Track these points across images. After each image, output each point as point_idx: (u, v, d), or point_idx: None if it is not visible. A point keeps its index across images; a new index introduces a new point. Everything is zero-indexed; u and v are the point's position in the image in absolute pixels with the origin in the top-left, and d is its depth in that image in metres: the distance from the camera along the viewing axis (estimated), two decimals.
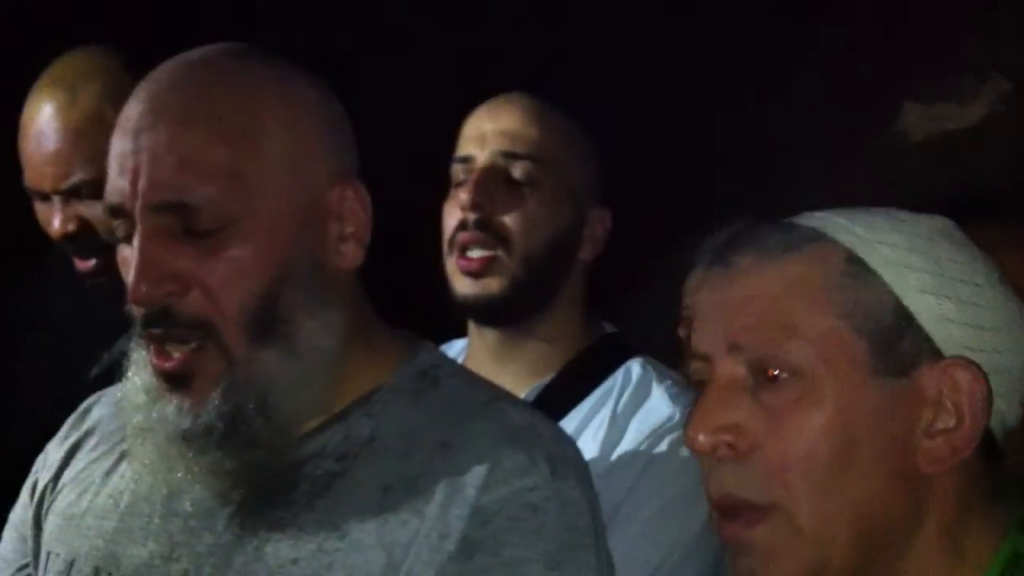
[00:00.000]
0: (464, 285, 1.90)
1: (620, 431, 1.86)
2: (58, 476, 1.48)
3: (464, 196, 1.88)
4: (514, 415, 1.37)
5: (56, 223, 2.05)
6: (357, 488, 1.31)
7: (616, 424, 1.87)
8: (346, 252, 1.35)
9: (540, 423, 1.39)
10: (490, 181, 1.89)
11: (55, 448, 1.52)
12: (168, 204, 1.26)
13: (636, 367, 1.93)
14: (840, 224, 1.21)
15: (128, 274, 1.28)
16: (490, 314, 1.92)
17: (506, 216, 1.88)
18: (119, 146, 1.30)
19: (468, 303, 1.91)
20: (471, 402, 1.38)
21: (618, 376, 1.92)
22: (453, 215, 1.91)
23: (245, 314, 1.28)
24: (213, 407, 1.28)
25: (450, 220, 1.92)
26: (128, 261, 1.29)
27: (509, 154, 1.90)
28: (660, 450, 1.83)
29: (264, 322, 1.29)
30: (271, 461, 1.32)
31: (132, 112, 1.30)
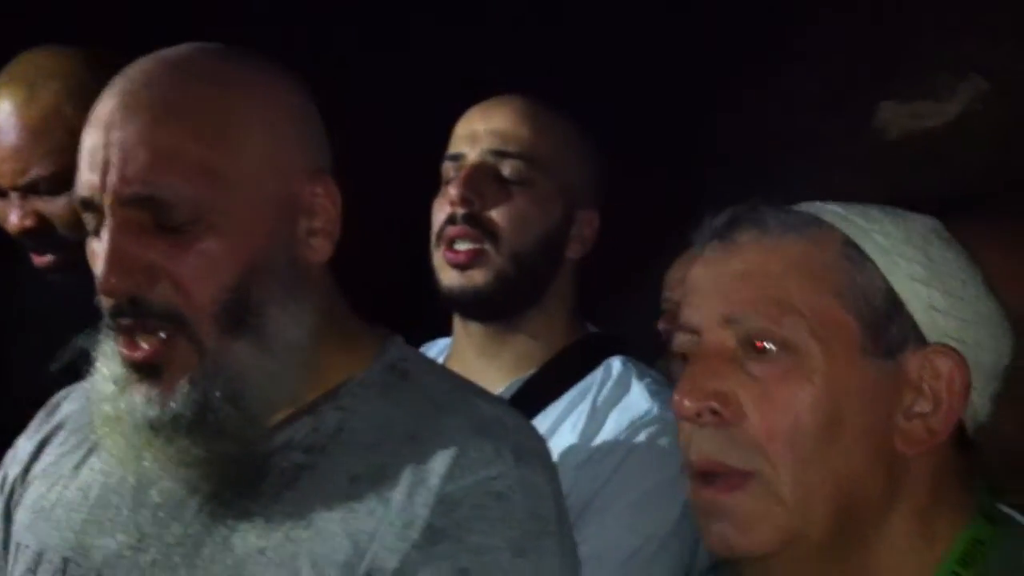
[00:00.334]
0: (450, 277, 1.92)
1: (599, 423, 1.88)
2: (28, 469, 1.49)
3: (453, 191, 1.90)
4: (481, 407, 1.38)
5: (14, 219, 2.07)
6: (325, 479, 1.32)
7: (596, 417, 1.89)
8: (316, 246, 1.36)
9: (507, 415, 1.40)
10: (480, 177, 1.91)
11: (24, 442, 1.53)
12: (139, 198, 1.27)
13: (617, 363, 1.95)
14: (838, 213, 1.25)
15: (97, 267, 1.29)
16: (475, 307, 1.94)
17: (494, 212, 1.90)
18: (90, 140, 1.31)
19: (454, 295, 1.92)
20: (440, 395, 1.39)
21: (599, 372, 1.94)
22: (442, 210, 1.93)
23: (216, 306, 1.29)
24: (181, 396, 1.29)
25: (439, 215, 1.94)
26: (97, 254, 1.30)
27: (499, 152, 1.92)
28: (638, 442, 1.84)
29: (235, 314, 1.30)
30: (239, 451, 1.32)
31: (105, 107, 1.31)
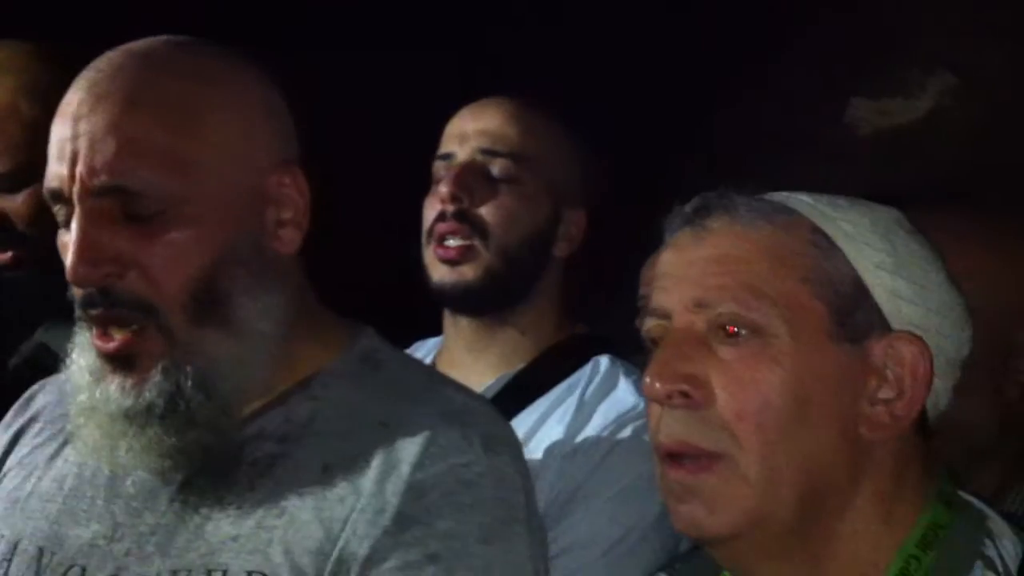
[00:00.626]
0: (440, 273, 1.96)
1: (586, 417, 1.92)
2: (2, 461, 1.50)
3: (444, 189, 1.94)
4: (451, 396, 1.41)
5: None
6: (297, 468, 1.34)
7: (582, 410, 1.93)
8: (284, 237, 1.38)
9: (476, 404, 1.43)
10: (469, 176, 1.95)
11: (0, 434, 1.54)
12: (107, 187, 1.29)
13: (604, 361, 1.99)
14: (806, 202, 1.27)
15: (67, 258, 1.30)
16: (465, 302, 1.98)
17: (483, 209, 1.95)
18: (59, 132, 1.32)
19: (444, 290, 1.97)
20: (410, 384, 1.41)
21: (587, 368, 1.98)
22: (433, 208, 1.97)
23: (185, 295, 1.31)
24: (154, 385, 1.31)
25: (429, 212, 1.98)
26: (67, 245, 1.31)
27: (489, 151, 1.97)
28: (624, 435, 1.88)
29: (204, 304, 1.31)
30: (211, 440, 1.34)
31: (73, 98, 1.32)
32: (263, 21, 3.08)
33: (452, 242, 1.95)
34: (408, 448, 1.31)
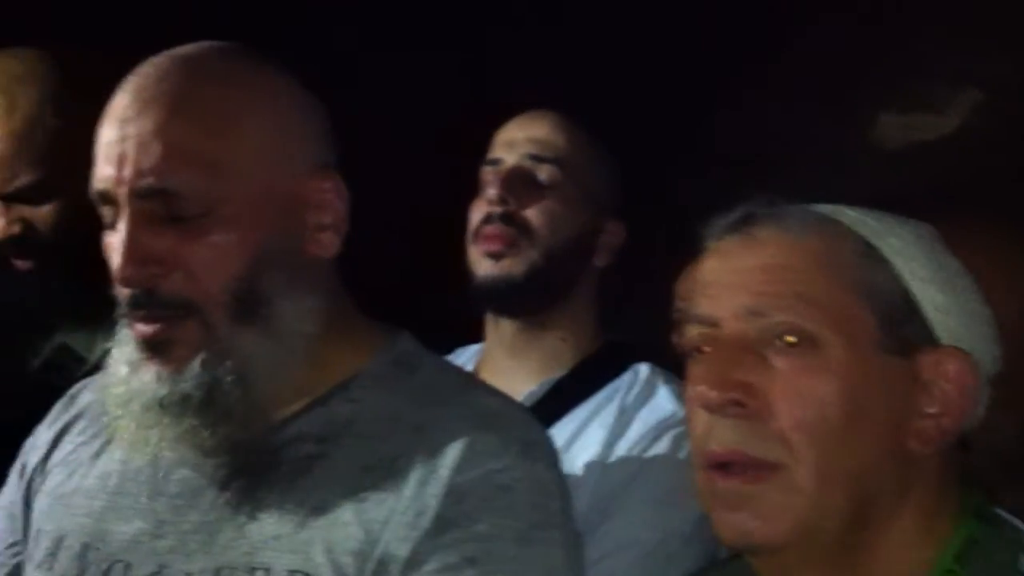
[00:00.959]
0: (485, 267, 2.01)
1: (626, 423, 1.96)
2: (47, 458, 1.52)
3: (492, 192, 2.01)
4: (487, 401, 1.42)
5: (1, 225, 2.05)
6: (337, 469, 1.35)
7: (623, 417, 1.96)
8: (323, 241, 1.40)
9: (512, 409, 1.45)
10: (516, 180, 2.02)
11: (44, 431, 1.55)
12: (153, 190, 1.32)
13: (644, 369, 2.03)
14: (853, 215, 1.27)
15: (114, 258, 1.33)
16: (508, 298, 2.02)
17: (529, 211, 2.01)
18: (107, 135, 1.35)
19: (488, 285, 2.01)
20: (447, 388, 1.43)
21: (626, 376, 2.02)
22: (480, 210, 2.03)
23: (226, 295, 1.33)
24: (192, 376, 1.33)
25: (476, 215, 2.04)
26: (113, 246, 1.34)
27: (536, 157, 2.04)
28: (663, 442, 1.92)
29: (244, 303, 1.34)
30: (244, 437, 1.36)
31: (120, 103, 1.35)
32: (257, 22, 3.09)
33: (498, 239, 2.00)
34: (447, 452, 1.33)
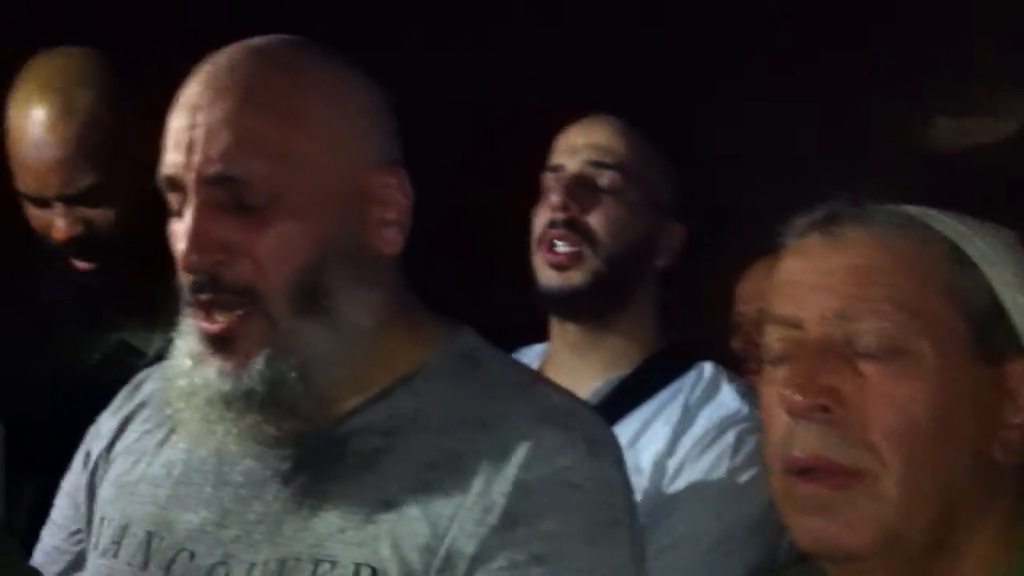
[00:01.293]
0: (549, 277, 2.05)
1: (690, 421, 1.97)
2: (111, 446, 1.53)
3: (555, 198, 2.04)
4: (553, 397, 1.42)
5: (63, 227, 2.06)
6: (402, 463, 1.35)
7: (687, 414, 1.98)
8: (388, 236, 1.41)
9: (577, 406, 1.44)
10: (579, 186, 2.05)
11: (108, 419, 1.56)
12: (221, 177, 1.32)
13: (708, 367, 2.06)
14: (939, 216, 1.25)
15: (179, 245, 1.34)
16: (571, 305, 2.06)
17: (591, 217, 2.04)
18: (177, 122, 1.36)
19: (552, 295, 2.05)
20: (512, 383, 1.43)
21: (691, 374, 2.04)
22: (543, 216, 2.07)
23: (290, 285, 1.34)
24: (256, 371, 1.33)
25: (539, 221, 2.08)
26: (178, 233, 1.35)
27: (597, 163, 2.06)
28: (727, 438, 1.93)
29: (307, 295, 1.34)
30: (308, 430, 1.36)
31: (192, 91, 1.36)
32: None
33: (562, 247, 2.03)
34: (514, 448, 1.32)
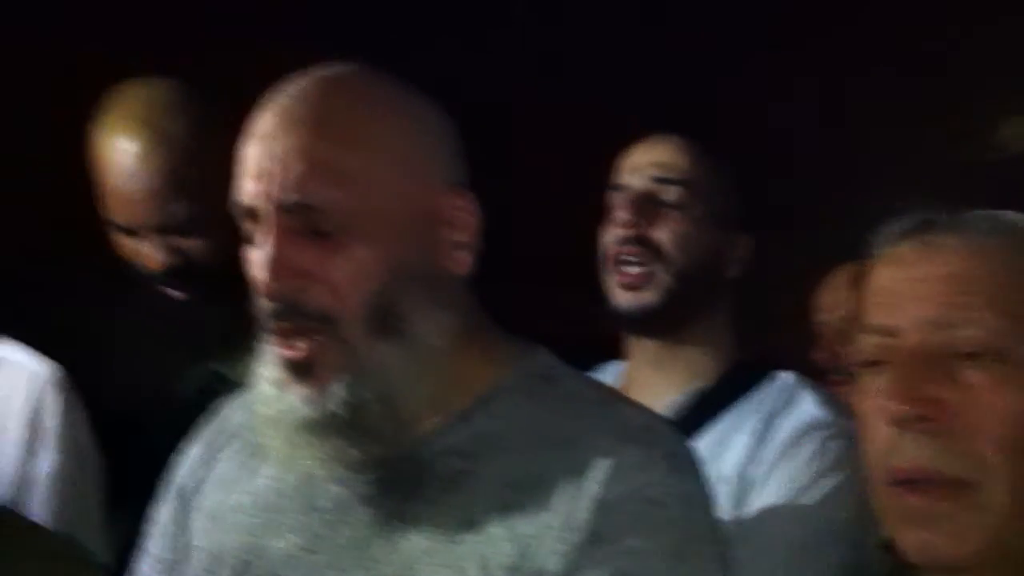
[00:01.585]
0: (623, 298, 2.07)
1: (772, 430, 1.98)
2: (201, 476, 1.56)
3: (622, 215, 2.07)
4: (631, 414, 1.43)
5: (160, 257, 2.10)
6: (484, 484, 1.37)
7: (769, 423, 1.98)
8: (458, 258, 1.43)
9: (655, 422, 1.45)
10: (645, 203, 2.07)
11: (197, 450, 1.59)
12: (297, 206, 1.36)
13: (787, 376, 2.07)
14: None
15: (258, 272, 1.38)
16: (645, 324, 2.08)
17: (658, 233, 2.06)
18: (252, 152, 1.39)
19: (626, 314, 2.07)
20: (589, 401, 1.44)
21: (771, 384, 2.05)
22: (611, 234, 2.09)
23: (365, 309, 1.36)
24: (336, 397, 1.36)
25: (608, 239, 2.10)
26: (256, 261, 1.38)
27: (662, 179, 2.09)
28: (810, 443, 1.93)
29: (382, 318, 1.37)
30: (391, 453, 1.39)
31: (265, 122, 1.40)
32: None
33: (632, 269, 2.05)
34: (594, 467, 1.34)
